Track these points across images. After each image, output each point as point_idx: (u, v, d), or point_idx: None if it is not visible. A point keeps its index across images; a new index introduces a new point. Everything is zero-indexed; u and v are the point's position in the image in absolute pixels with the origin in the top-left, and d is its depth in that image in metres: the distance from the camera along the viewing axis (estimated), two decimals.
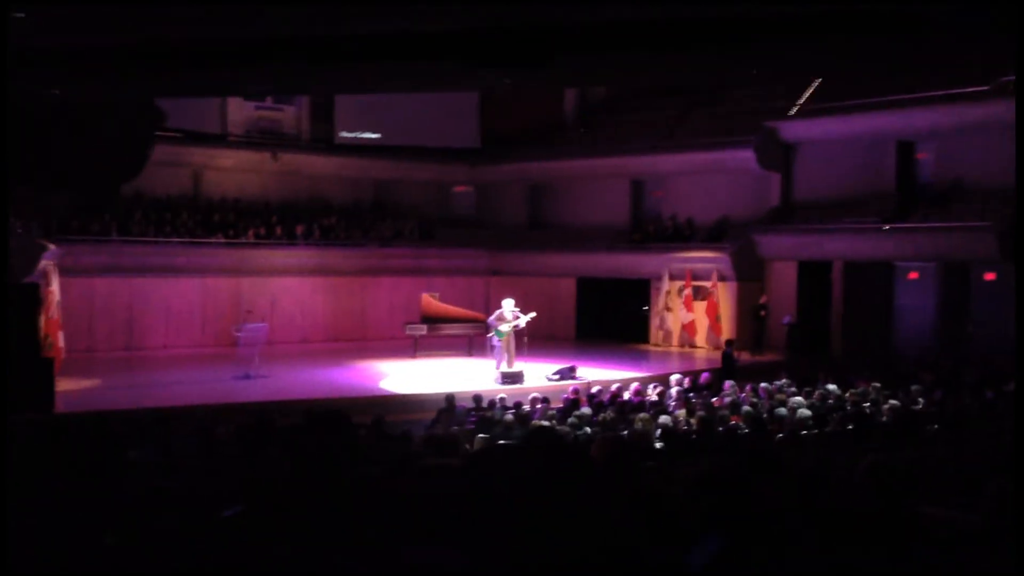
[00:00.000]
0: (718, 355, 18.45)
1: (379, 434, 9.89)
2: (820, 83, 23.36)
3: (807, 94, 23.48)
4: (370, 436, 9.88)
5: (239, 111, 25.49)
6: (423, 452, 9.17)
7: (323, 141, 26.61)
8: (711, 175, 24.10)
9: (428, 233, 26.57)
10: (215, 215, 23.80)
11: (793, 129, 22.91)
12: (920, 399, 11.83)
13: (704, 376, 15.14)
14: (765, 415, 10.76)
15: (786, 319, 21.35)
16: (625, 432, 10.11)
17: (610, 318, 24.60)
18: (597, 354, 20.37)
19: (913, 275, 21.10)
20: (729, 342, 18.47)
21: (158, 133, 21.63)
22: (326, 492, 6.01)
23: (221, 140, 25.04)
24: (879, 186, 21.50)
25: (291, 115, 26.65)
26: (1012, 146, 19.20)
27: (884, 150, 21.61)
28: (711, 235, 23.26)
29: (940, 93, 19.91)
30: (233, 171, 25.18)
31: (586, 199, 26.78)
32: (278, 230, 24.13)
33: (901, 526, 3.12)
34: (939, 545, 3.23)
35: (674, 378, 14.70)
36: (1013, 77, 18.64)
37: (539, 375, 16.96)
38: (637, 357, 21.10)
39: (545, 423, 10.81)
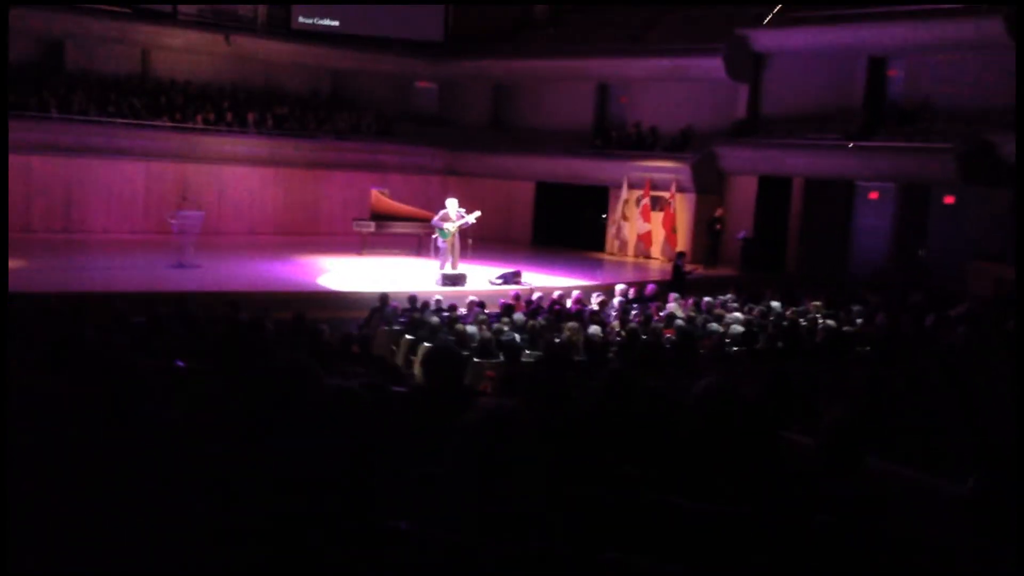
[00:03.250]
0: (671, 267, 18.18)
1: (294, 330, 9.53)
2: None
3: (781, 3, 22.67)
4: (284, 331, 9.52)
5: None
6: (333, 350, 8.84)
7: (280, 26, 25.49)
8: (678, 83, 23.38)
9: (386, 128, 25.73)
10: (162, 97, 22.83)
11: (764, 39, 22.16)
12: (858, 320, 11.63)
13: (650, 287, 14.85)
14: (698, 329, 10.51)
15: (741, 234, 21.06)
16: (556, 340, 9.84)
17: (567, 225, 24.17)
18: (550, 260, 20.02)
19: (873, 195, 20.79)
20: (680, 254, 18.18)
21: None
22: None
23: (171, 18, 23.85)
24: (847, 102, 20.96)
25: None
26: (982, 67, 18.87)
27: (855, 65, 20.99)
28: (674, 145, 22.69)
29: (915, 8, 19.21)
30: (183, 52, 24.07)
31: (550, 101, 26.03)
32: (228, 116, 23.21)
33: (730, 450, 2.85)
34: (787, 470, 3.02)
35: (619, 288, 14.43)
36: None
37: (484, 278, 16.59)
38: (590, 265, 20.78)
39: (473, 329, 10.49)
